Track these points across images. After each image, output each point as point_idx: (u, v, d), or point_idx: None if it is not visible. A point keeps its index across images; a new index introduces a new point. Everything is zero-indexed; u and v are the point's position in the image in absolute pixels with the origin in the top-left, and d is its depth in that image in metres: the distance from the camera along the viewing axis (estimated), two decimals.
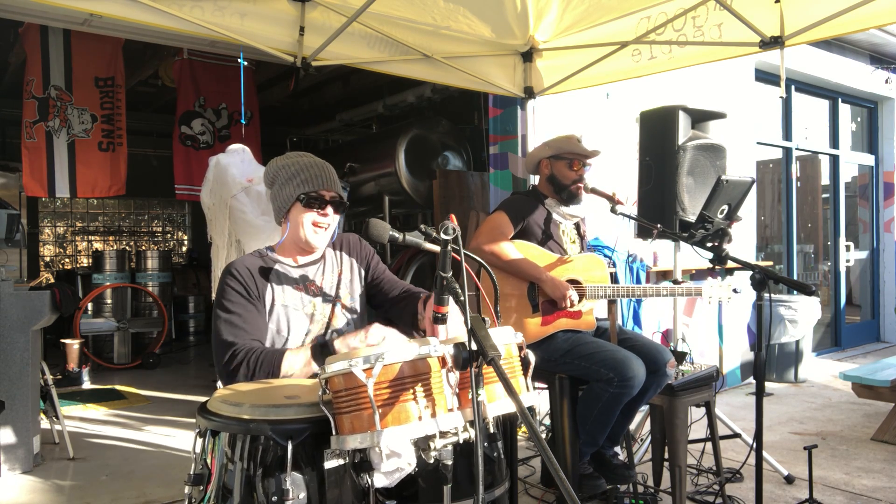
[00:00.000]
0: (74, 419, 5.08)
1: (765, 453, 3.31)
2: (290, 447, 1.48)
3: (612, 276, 4.46)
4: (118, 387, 6.35)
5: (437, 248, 1.65)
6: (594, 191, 3.14)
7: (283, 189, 2.11)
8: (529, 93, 4.24)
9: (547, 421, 3.71)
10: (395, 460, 1.43)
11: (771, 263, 6.92)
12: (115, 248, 10.66)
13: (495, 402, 1.51)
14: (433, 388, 1.45)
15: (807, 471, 3.28)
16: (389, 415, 1.41)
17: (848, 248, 7.95)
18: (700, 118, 3.67)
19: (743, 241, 6.03)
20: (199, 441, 1.65)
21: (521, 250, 2.97)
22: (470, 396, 1.42)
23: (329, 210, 2.10)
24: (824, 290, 8.00)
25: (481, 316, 1.47)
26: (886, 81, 8.03)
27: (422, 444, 1.45)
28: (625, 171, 4.59)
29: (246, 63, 5.87)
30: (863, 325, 8.35)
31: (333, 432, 1.46)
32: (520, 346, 1.64)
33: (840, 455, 4.18)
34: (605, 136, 4.81)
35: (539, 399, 3.63)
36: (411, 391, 1.43)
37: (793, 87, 7.30)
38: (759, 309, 2.68)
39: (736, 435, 3.95)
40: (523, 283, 2.95)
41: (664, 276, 4.97)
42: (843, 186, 8.04)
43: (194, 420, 1.70)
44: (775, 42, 3.18)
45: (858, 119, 8.49)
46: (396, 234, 1.80)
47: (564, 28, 3.81)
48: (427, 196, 6.28)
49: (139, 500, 3.54)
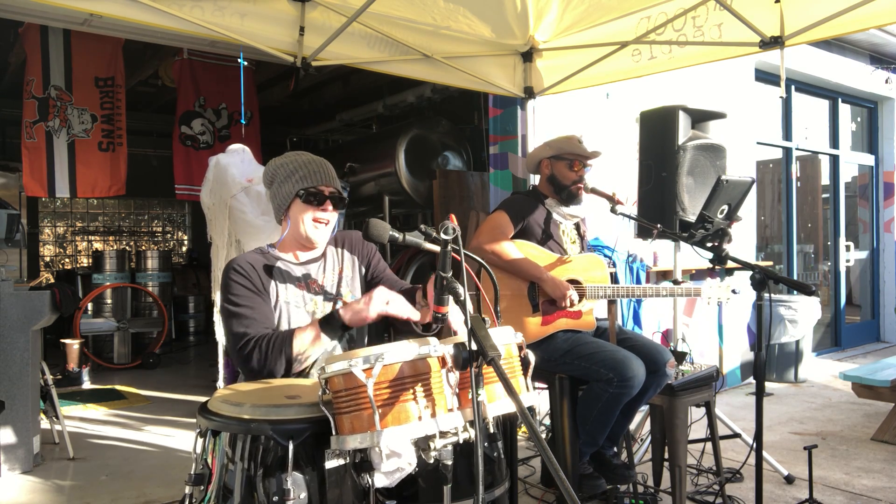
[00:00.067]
0: (74, 419, 5.08)
1: (765, 453, 3.31)
2: (292, 447, 1.48)
3: (612, 277, 4.45)
4: (118, 387, 6.35)
5: (437, 248, 1.65)
6: (594, 191, 3.14)
7: (282, 187, 2.13)
8: (529, 93, 4.24)
9: (547, 421, 3.71)
10: (395, 460, 1.43)
11: (771, 263, 6.92)
12: (115, 248, 10.66)
13: (495, 402, 1.51)
14: (433, 388, 1.45)
15: (807, 471, 3.28)
16: (389, 415, 1.41)
17: (848, 248, 7.95)
18: (700, 118, 3.67)
19: (743, 241, 6.03)
20: (200, 441, 1.65)
21: (521, 250, 2.97)
22: (470, 396, 1.42)
23: (328, 205, 2.11)
24: (824, 290, 8.00)
25: (481, 316, 1.47)
26: (886, 81, 8.03)
27: (422, 444, 1.45)
28: (625, 171, 4.59)
29: (246, 63, 5.87)
30: (863, 325, 8.35)
31: (333, 432, 1.46)
32: (520, 346, 1.64)
33: (840, 455, 4.18)
34: (605, 136, 4.81)
35: (539, 399, 3.63)
36: (411, 391, 1.43)
37: (793, 87, 7.29)
38: (759, 309, 2.68)
39: (736, 435, 3.95)
40: (523, 282, 2.95)
41: (664, 276, 4.97)
42: (843, 186, 8.03)
43: (194, 420, 1.70)
44: (775, 42, 3.18)
45: (858, 119, 8.49)
46: (396, 234, 1.80)
47: (564, 28, 3.81)
48: (427, 196, 6.28)
49: (139, 500, 3.54)
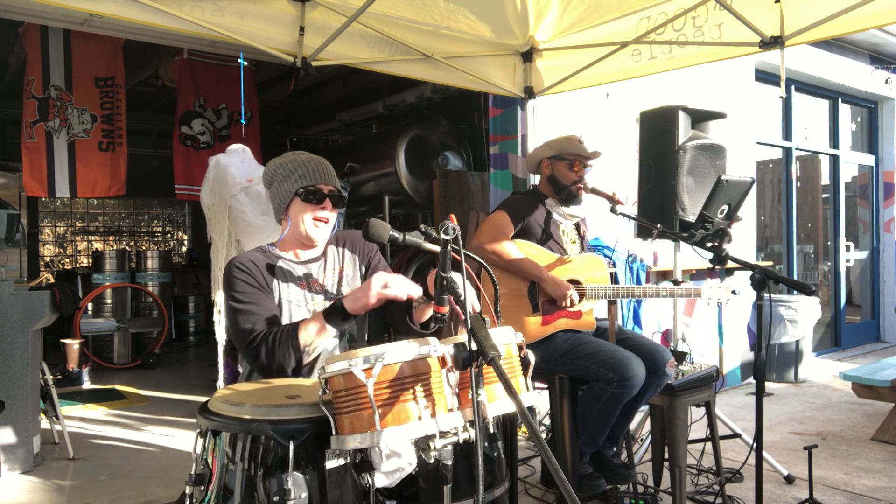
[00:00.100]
0: (74, 419, 5.08)
1: (765, 453, 3.31)
2: (292, 447, 1.48)
3: (612, 276, 4.45)
4: (118, 387, 6.35)
5: (437, 248, 1.65)
6: (594, 191, 3.14)
7: (281, 186, 2.14)
8: (529, 93, 4.24)
9: (547, 421, 3.71)
10: (395, 460, 1.43)
11: (771, 263, 6.92)
12: (115, 248, 10.66)
13: (495, 402, 1.51)
14: (433, 388, 1.45)
15: (807, 471, 3.28)
16: (389, 415, 1.41)
17: (848, 248, 7.95)
18: (700, 118, 3.67)
19: (743, 241, 6.03)
20: (200, 441, 1.65)
21: (521, 250, 2.97)
22: (470, 396, 1.42)
23: (327, 204, 2.12)
24: (824, 290, 8.00)
25: (481, 316, 1.47)
26: (886, 81, 8.03)
27: (422, 444, 1.45)
28: (625, 171, 4.59)
29: (246, 63, 5.86)
30: (863, 325, 8.35)
31: (334, 432, 1.46)
32: (520, 346, 1.64)
33: (840, 455, 4.18)
34: (605, 136, 4.81)
35: (539, 399, 3.63)
36: (411, 391, 1.43)
37: (793, 87, 7.29)
38: (759, 309, 2.68)
39: (736, 435, 3.95)
40: (524, 282, 2.95)
41: (664, 276, 4.97)
42: (843, 186, 8.03)
43: (194, 420, 1.70)
44: (775, 42, 3.18)
45: (858, 119, 8.49)
46: (396, 234, 1.80)
47: (564, 28, 3.81)
48: (427, 196, 6.28)
49: (139, 500, 3.54)
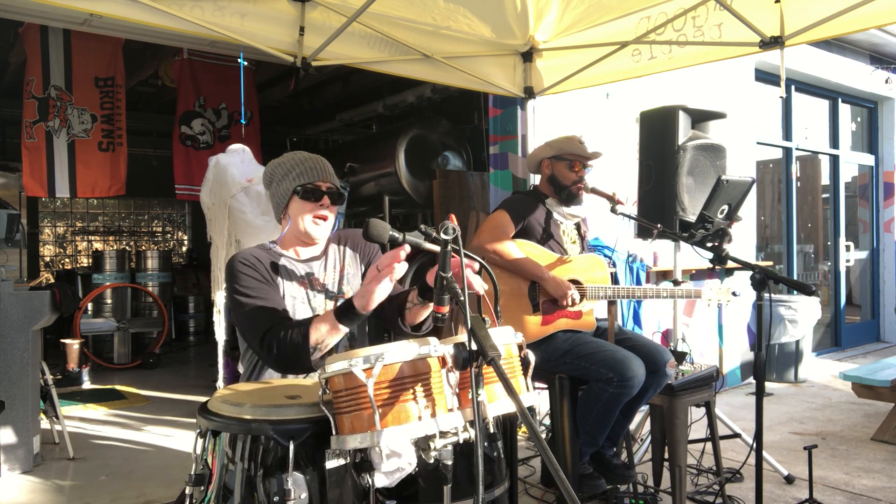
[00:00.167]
0: (74, 419, 5.08)
1: (765, 453, 3.31)
2: (292, 447, 1.48)
3: (612, 276, 4.45)
4: (118, 387, 6.35)
5: (437, 248, 1.65)
6: (594, 191, 3.14)
7: (280, 185, 2.14)
8: (529, 93, 4.24)
9: (547, 421, 3.71)
10: (395, 460, 1.43)
11: (771, 263, 6.92)
12: (115, 248, 10.65)
13: (495, 402, 1.51)
14: (433, 388, 1.45)
15: (807, 471, 3.28)
16: (389, 415, 1.41)
17: (848, 248, 7.95)
18: (700, 118, 3.66)
19: (743, 241, 6.03)
20: (200, 441, 1.65)
21: (522, 250, 2.97)
22: (470, 396, 1.42)
23: (326, 200, 2.12)
24: (824, 290, 8.00)
25: (481, 316, 1.47)
26: (886, 81, 8.03)
27: (422, 444, 1.45)
28: (625, 171, 4.59)
29: (246, 63, 5.86)
30: (863, 325, 8.35)
31: (334, 432, 1.46)
32: (520, 346, 1.64)
33: (840, 455, 4.18)
34: (605, 136, 4.81)
35: (539, 399, 3.63)
36: (411, 391, 1.43)
37: (793, 87, 7.29)
38: (759, 309, 2.68)
39: (736, 435, 3.95)
40: (524, 282, 2.95)
41: (664, 276, 4.97)
42: (843, 186, 8.03)
43: (194, 420, 1.70)
44: (775, 42, 3.18)
45: (858, 119, 8.49)
46: (396, 234, 1.80)
47: (564, 28, 3.81)
48: (427, 196, 6.28)
49: (139, 500, 3.54)
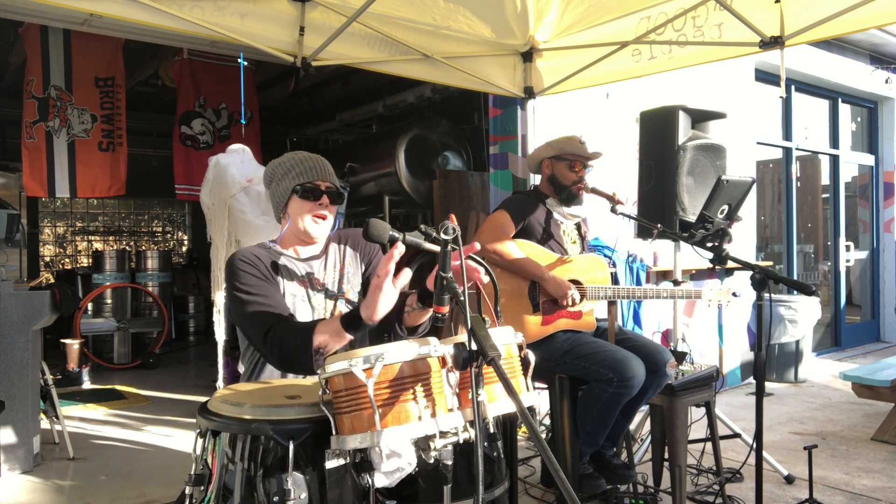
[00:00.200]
0: (74, 419, 5.08)
1: (765, 453, 3.31)
2: (292, 447, 1.48)
3: (613, 276, 4.45)
4: (118, 387, 6.35)
5: (437, 248, 1.65)
6: (594, 191, 3.14)
7: (280, 184, 2.15)
8: (529, 93, 4.24)
9: (547, 421, 3.71)
10: (395, 460, 1.43)
11: (771, 263, 6.92)
12: (115, 248, 10.65)
13: (495, 402, 1.51)
14: (433, 387, 1.45)
15: (807, 471, 3.28)
16: (389, 415, 1.41)
17: (848, 248, 7.95)
18: (700, 118, 3.66)
19: (743, 241, 6.03)
20: (200, 441, 1.65)
21: (522, 250, 2.97)
22: (470, 396, 1.42)
23: (325, 200, 2.12)
24: (824, 290, 8.00)
25: (481, 316, 1.47)
26: (886, 81, 8.03)
27: (422, 444, 1.45)
28: (625, 171, 4.59)
29: (246, 63, 5.86)
30: (863, 325, 8.35)
31: (334, 432, 1.46)
32: (520, 346, 1.64)
33: (840, 455, 4.18)
34: (605, 136, 4.81)
35: (539, 399, 3.63)
36: (411, 391, 1.43)
37: (793, 87, 7.29)
38: (759, 309, 2.68)
39: (736, 435, 3.95)
40: (524, 282, 2.95)
41: (664, 276, 4.96)
42: (843, 186, 8.03)
43: (194, 420, 1.70)
44: (775, 42, 3.18)
45: (858, 119, 8.49)
46: (396, 234, 1.80)
47: (564, 28, 3.81)
48: (427, 196, 6.28)
49: (139, 500, 3.54)
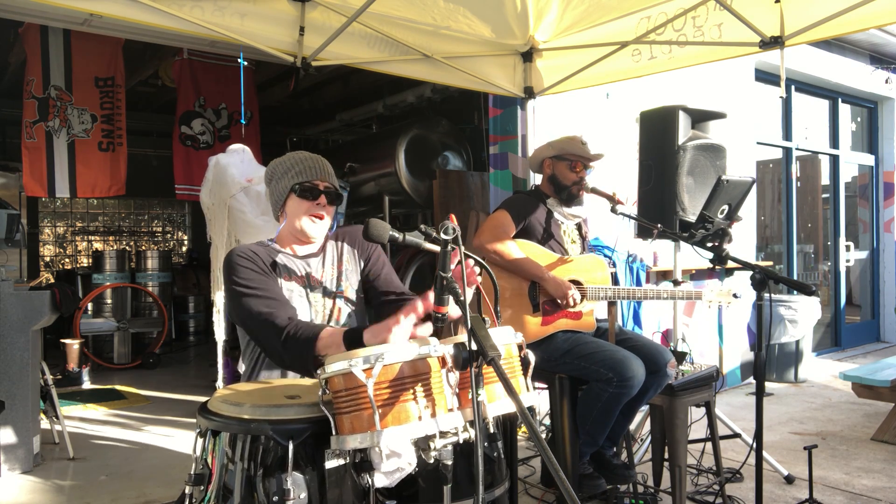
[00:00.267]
0: (74, 419, 5.08)
1: (765, 453, 3.31)
2: (292, 447, 1.48)
3: (613, 277, 4.45)
4: (118, 387, 6.35)
5: (437, 248, 1.65)
6: (594, 191, 3.14)
7: (278, 183, 2.16)
8: (529, 93, 4.24)
9: (547, 421, 3.71)
10: (395, 460, 1.43)
11: (771, 263, 6.92)
12: (115, 248, 10.65)
13: (495, 402, 1.51)
14: (433, 388, 1.45)
15: (807, 471, 3.28)
16: (389, 415, 1.41)
17: (848, 248, 7.95)
18: (700, 118, 3.66)
19: (743, 241, 6.02)
20: (200, 441, 1.65)
21: (523, 250, 2.97)
22: (470, 396, 1.42)
23: (323, 199, 2.13)
24: (824, 290, 7.99)
25: (481, 316, 1.47)
26: (886, 81, 8.03)
27: (422, 444, 1.45)
28: (625, 171, 4.59)
29: (246, 63, 5.86)
30: (863, 325, 8.35)
31: (333, 432, 1.46)
32: (520, 346, 1.64)
33: (840, 455, 4.18)
34: (605, 136, 4.81)
35: (539, 399, 3.63)
36: (411, 391, 1.43)
37: (793, 87, 7.29)
38: (759, 309, 2.68)
39: (736, 435, 3.95)
40: (524, 282, 2.95)
41: (664, 276, 4.96)
42: (843, 186, 8.03)
43: (194, 420, 1.70)
44: (775, 42, 3.18)
45: (858, 119, 8.49)
46: (396, 234, 1.80)
47: (564, 28, 3.81)
48: (427, 196, 6.28)
49: (139, 500, 3.54)
